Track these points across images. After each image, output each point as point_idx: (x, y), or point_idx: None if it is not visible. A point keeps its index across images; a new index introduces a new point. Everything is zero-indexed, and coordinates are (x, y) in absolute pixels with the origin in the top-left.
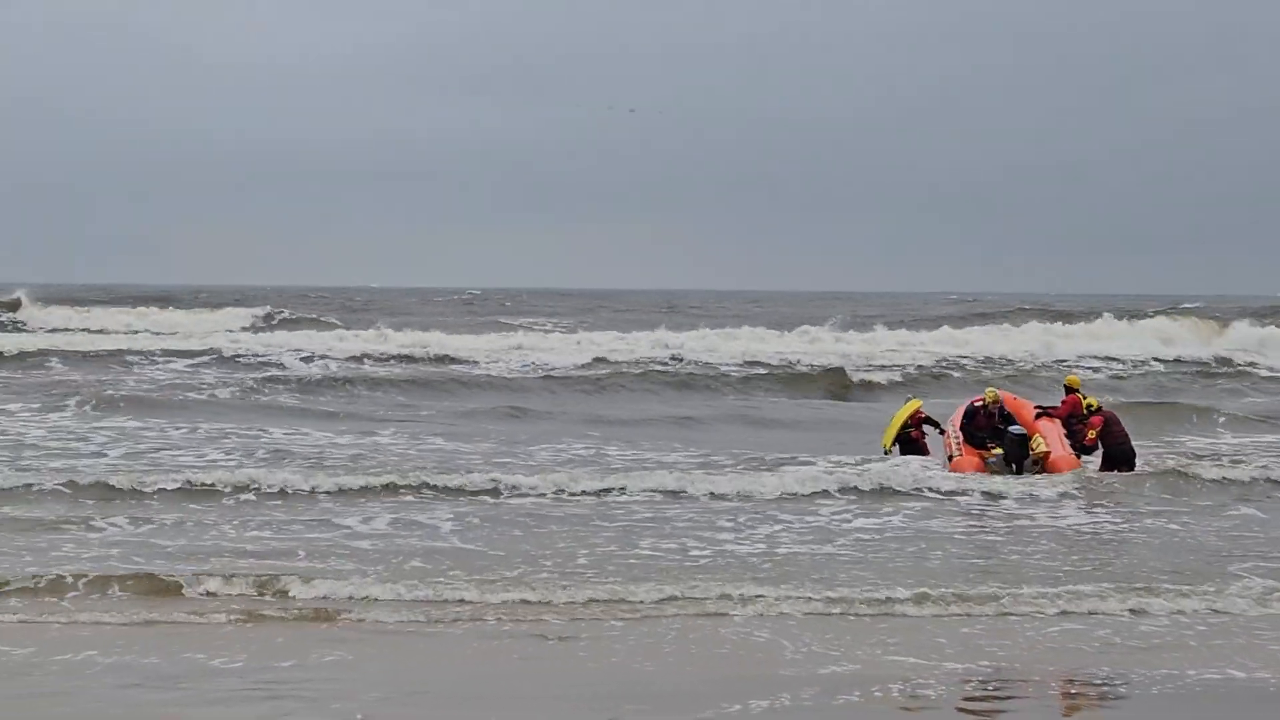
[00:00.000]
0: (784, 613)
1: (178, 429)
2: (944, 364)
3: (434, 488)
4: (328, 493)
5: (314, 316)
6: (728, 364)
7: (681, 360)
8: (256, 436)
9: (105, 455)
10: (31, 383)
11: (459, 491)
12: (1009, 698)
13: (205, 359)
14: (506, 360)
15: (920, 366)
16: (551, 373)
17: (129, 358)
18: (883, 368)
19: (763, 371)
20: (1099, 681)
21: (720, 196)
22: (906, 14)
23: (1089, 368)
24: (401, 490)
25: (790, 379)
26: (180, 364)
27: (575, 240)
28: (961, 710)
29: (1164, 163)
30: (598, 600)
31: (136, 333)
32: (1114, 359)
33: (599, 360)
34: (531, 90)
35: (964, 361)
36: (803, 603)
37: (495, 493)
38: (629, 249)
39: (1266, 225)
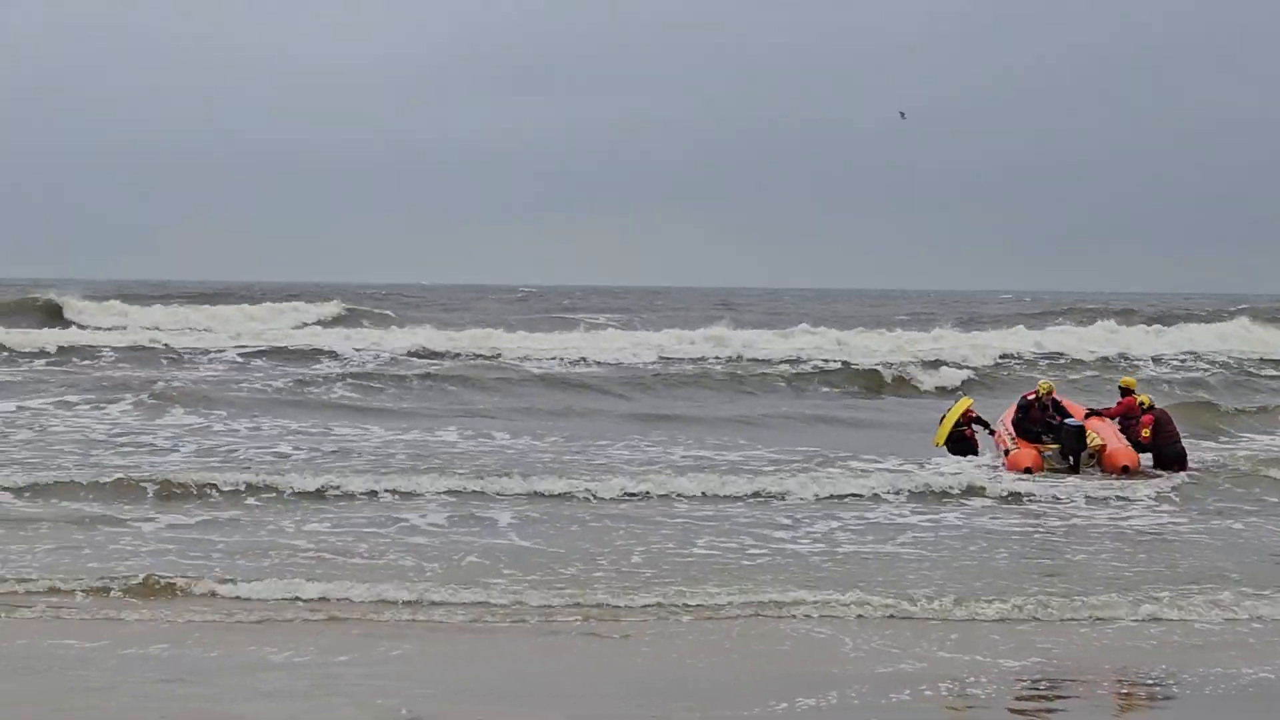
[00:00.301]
0: (857, 616)
1: (242, 424)
2: (1056, 362)
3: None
4: (392, 491)
5: (377, 312)
6: (824, 361)
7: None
8: (325, 433)
9: (176, 451)
10: (103, 378)
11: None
12: (1059, 697)
13: (276, 356)
14: (569, 355)
15: (1022, 360)
16: (621, 369)
17: (190, 354)
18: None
19: (837, 368)
20: (1151, 681)
21: (763, 194)
22: (956, 5)
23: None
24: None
25: (866, 376)
26: (250, 360)
27: (620, 237)
28: (1011, 710)
29: (1192, 160)
30: (653, 599)
31: (203, 330)
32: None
33: (664, 358)
34: (574, 87)
35: (1061, 359)
36: (876, 608)
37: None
38: (673, 246)
39: None
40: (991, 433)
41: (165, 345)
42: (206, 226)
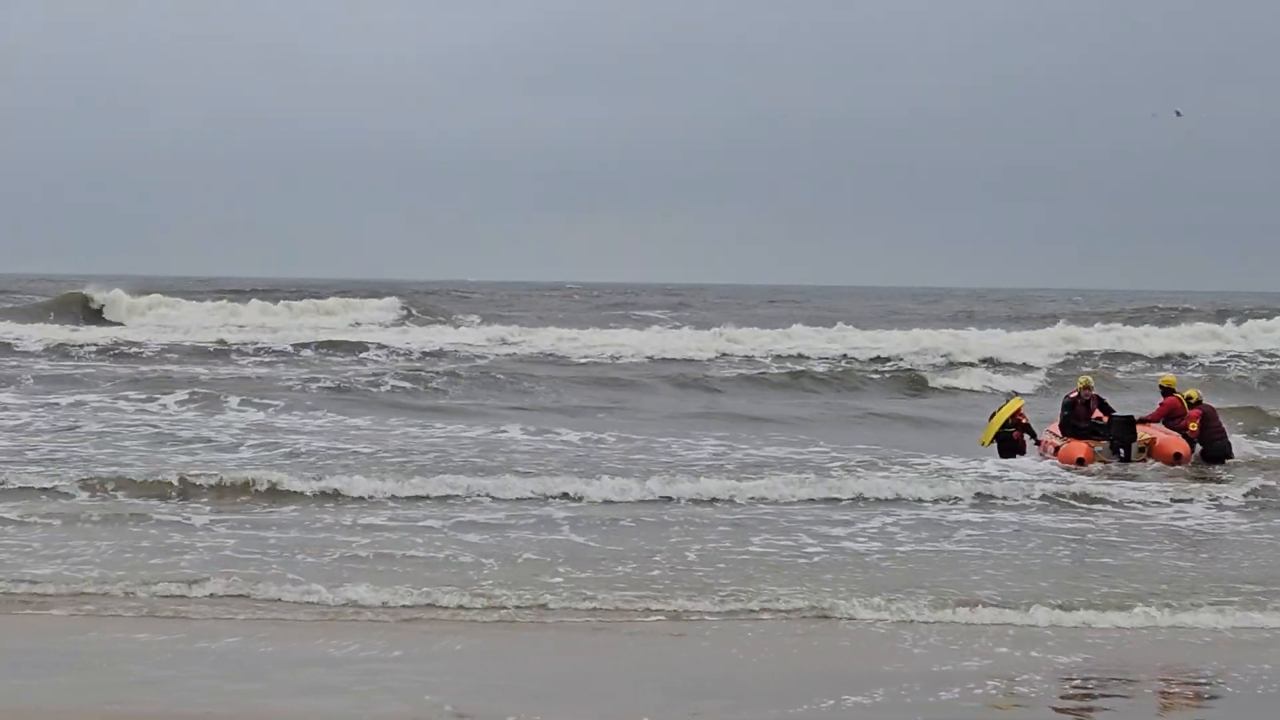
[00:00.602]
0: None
1: (303, 419)
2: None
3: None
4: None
5: (440, 309)
6: (943, 358)
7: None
8: (388, 429)
9: (239, 447)
10: (159, 372)
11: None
12: (1106, 695)
13: (340, 350)
14: (631, 352)
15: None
16: (692, 367)
17: (250, 349)
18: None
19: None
20: (1202, 680)
21: (804, 192)
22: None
23: None
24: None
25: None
26: (316, 356)
27: (661, 235)
28: (1056, 710)
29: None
30: (707, 598)
31: (259, 326)
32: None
33: (747, 358)
34: (619, 85)
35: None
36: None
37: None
38: (710, 243)
39: None
40: (1038, 442)
41: (220, 341)
42: (245, 222)
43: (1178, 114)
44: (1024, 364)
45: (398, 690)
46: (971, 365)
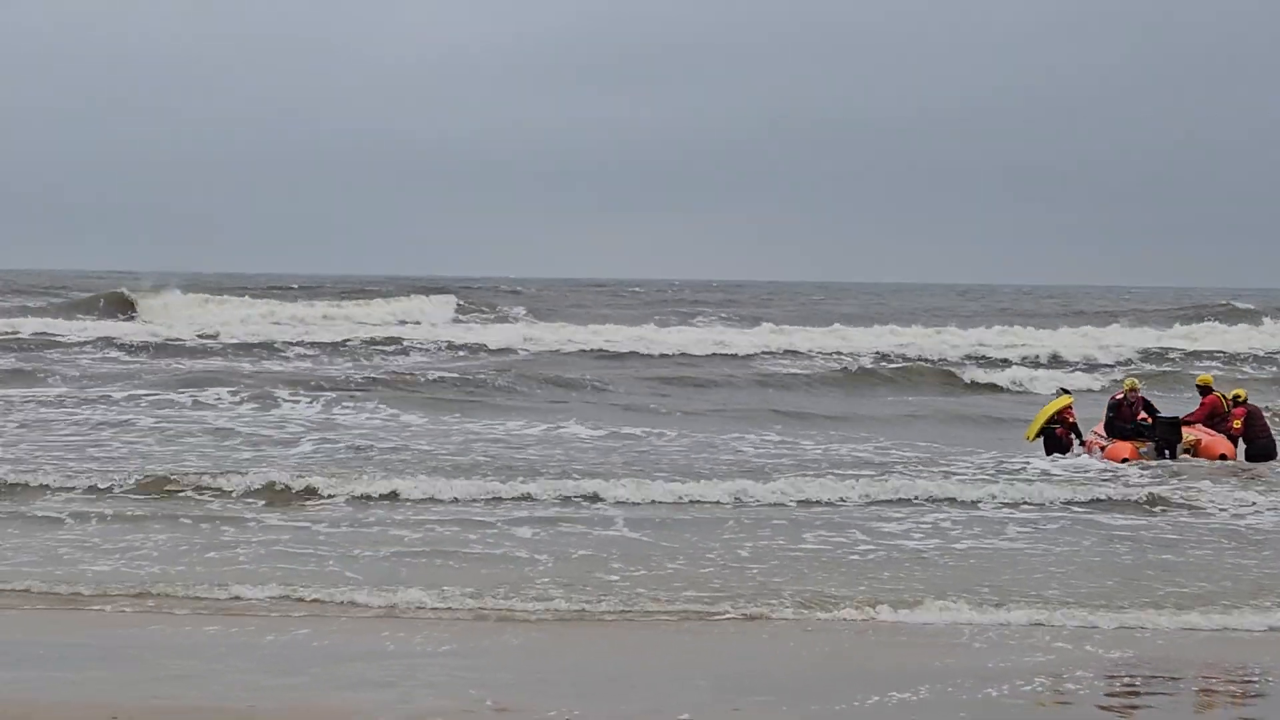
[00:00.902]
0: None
1: (363, 417)
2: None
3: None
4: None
5: (498, 307)
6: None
7: None
8: (448, 427)
9: (298, 444)
10: (218, 368)
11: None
12: (1153, 694)
13: (412, 349)
14: (691, 349)
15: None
16: (755, 364)
17: (309, 346)
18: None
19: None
20: (1253, 678)
21: (845, 189)
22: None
23: None
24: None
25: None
26: (384, 353)
27: (703, 232)
28: (1100, 708)
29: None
30: (758, 594)
31: (319, 323)
32: None
33: (797, 354)
34: (658, 82)
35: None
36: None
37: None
38: (740, 240)
39: None
40: (1083, 442)
41: (270, 339)
42: (267, 218)
43: None
44: (1092, 362)
45: (439, 685)
46: (1036, 363)
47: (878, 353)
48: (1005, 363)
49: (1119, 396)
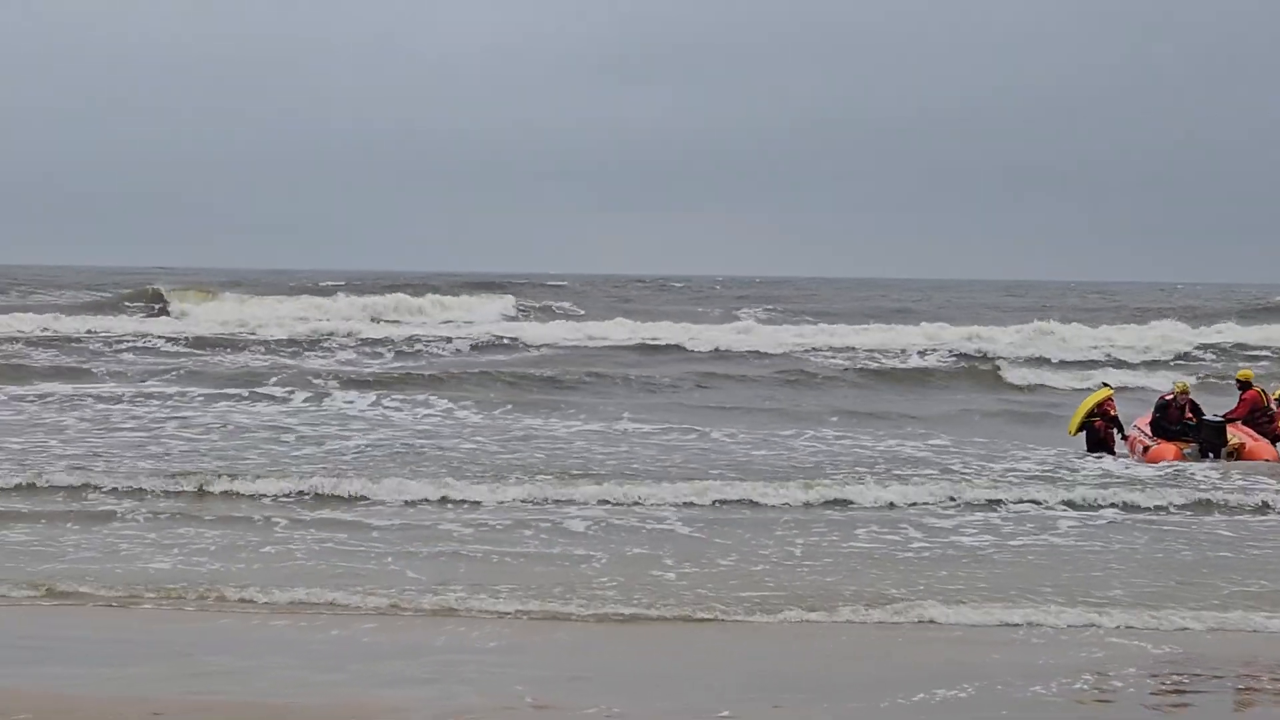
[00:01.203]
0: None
1: (424, 411)
2: None
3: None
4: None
5: (557, 304)
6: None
7: None
8: (542, 423)
9: (357, 441)
10: (279, 365)
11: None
12: (1197, 692)
13: (469, 348)
14: (739, 347)
15: None
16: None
17: (377, 343)
18: None
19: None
20: None
21: (887, 184)
22: None
23: None
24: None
25: None
26: (446, 349)
27: (742, 229)
28: (1146, 707)
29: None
30: (810, 592)
31: (388, 321)
32: None
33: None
34: (696, 79)
35: None
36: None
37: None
38: (771, 237)
39: None
40: (1125, 437)
41: (329, 336)
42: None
43: None
44: (1150, 360)
45: (481, 682)
46: (1094, 363)
47: (930, 348)
48: (1091, 362)
49: (1168, 397)
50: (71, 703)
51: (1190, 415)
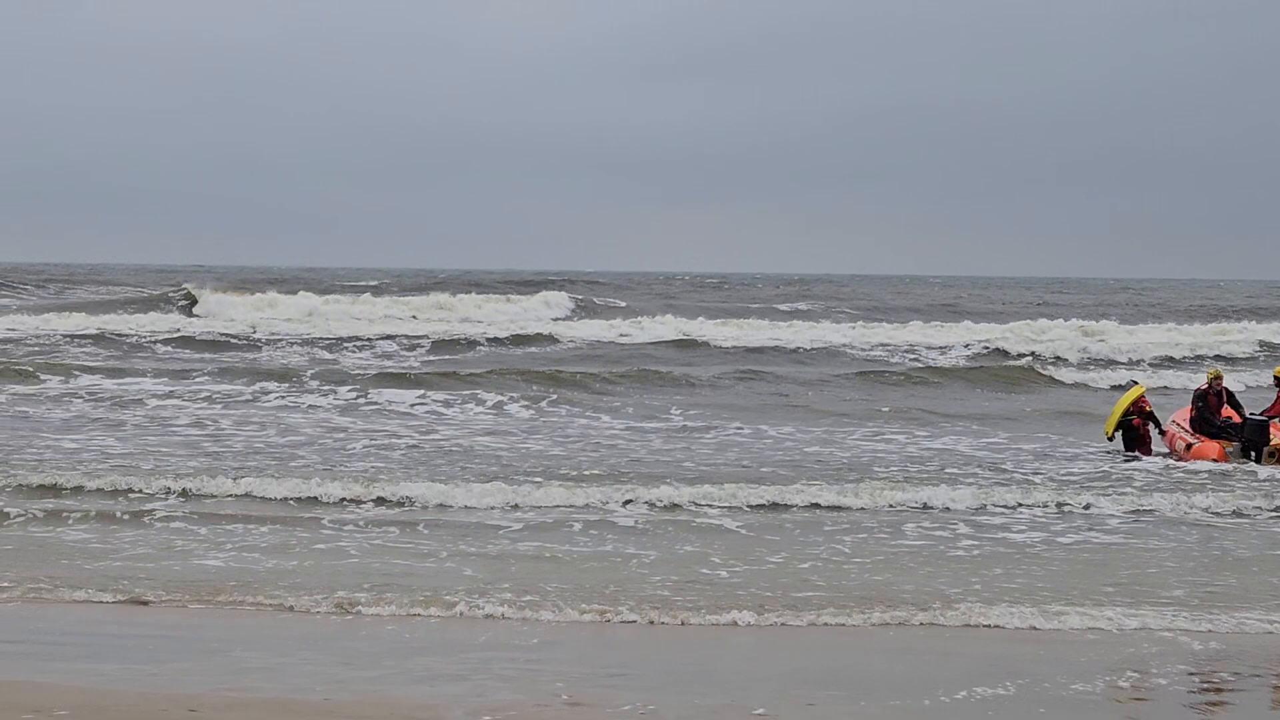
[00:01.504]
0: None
1: (473, 410)
2: None
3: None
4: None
5: (611, 304)
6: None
7: None
8: (592, 422)
9: (405, 440)
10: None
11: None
12: (1236, 690)
13: (518, 344)
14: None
15: None
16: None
17: (426, 340)
18: None
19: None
20: None
21: (934, 180)
22: None
23: None
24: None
25: None
26: (498, 350)
27: (783, 225)
28: (1184, 705)
29: None
30: (855, 590)
31: (439, 320)
32: None
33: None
34: (745, 76)
35: None
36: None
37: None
38: (812, 232)
39: None
40: (1162, 432)
41: (405, 334)
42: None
43: None
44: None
45: (515, 679)
46: (1169, 360)
47: (986, 347)
48: (1162, 358)
49: (1204, 387)
50: (108, 699)
51: (1229, 409)
